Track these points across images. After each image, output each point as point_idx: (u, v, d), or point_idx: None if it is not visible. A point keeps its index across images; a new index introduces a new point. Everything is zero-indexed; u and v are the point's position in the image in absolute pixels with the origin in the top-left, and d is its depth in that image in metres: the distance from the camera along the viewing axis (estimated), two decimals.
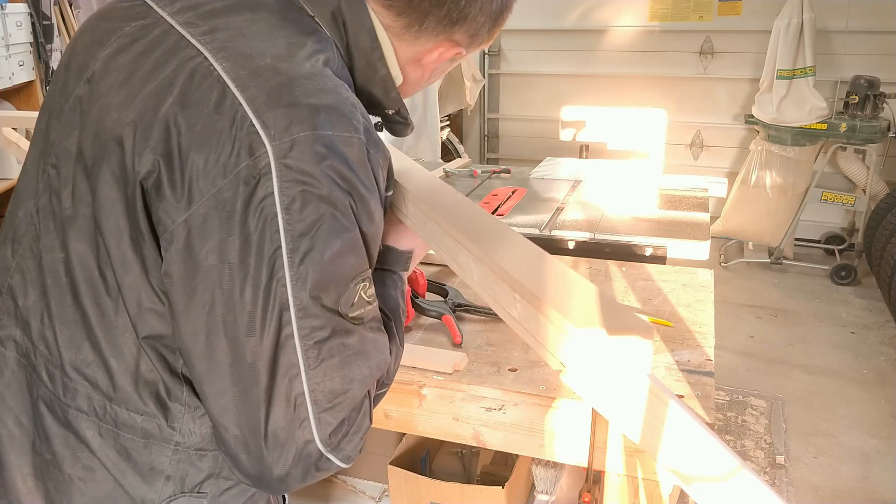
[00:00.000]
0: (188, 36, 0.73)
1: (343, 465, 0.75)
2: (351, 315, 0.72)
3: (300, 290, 0.68)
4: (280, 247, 0.67)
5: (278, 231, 0.67)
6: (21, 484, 0.79)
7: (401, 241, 0.99)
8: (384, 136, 0.93)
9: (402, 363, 1.18)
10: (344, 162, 0.69)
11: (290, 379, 0.69)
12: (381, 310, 0.83)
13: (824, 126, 4.01)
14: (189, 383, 0.76)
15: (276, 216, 0.66)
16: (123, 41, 0.76)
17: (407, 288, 1.31)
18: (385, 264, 0.93)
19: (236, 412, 0.70)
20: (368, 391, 0.77)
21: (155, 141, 0.69)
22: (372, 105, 0.86)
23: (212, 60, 0.70)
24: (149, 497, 0.78)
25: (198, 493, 0.80)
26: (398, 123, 0.93)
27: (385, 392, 0.86)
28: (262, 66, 0.70)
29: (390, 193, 0.85)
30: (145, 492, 0.78)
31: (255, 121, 0.67)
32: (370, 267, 0.76)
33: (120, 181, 0.72)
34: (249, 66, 0.70)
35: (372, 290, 0.75)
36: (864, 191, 4.16)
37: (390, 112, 0.89)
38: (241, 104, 0.67)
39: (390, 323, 0.86)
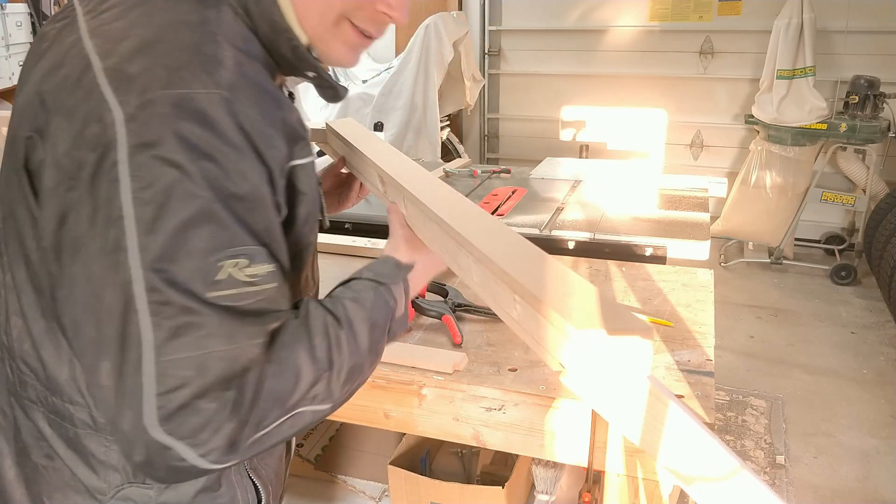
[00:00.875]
0: (80, 22, 0.73)
1: (204, 465, 0.66)
2: (212, 294, 0.65)
3: (145, 261, 0.63)
4: (123, 216, 0.63)
5: (122, 199, 0.63)
6: (7, 471, 0.83)
7: (399, 251, 0.93)
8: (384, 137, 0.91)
9: (402, 363, 1.19)
10: (199, 120, 0.65)
11: (138, 356, 0.64)
12: (334, 316, 0.76)
13: (824, 126, 4.01)
14: None
15: (122, 183, 0.63)
16: (45, 43, 0.77)
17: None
18: (373, 273, 0.86)
19: (101, 391, 0.66)
20: (257, 386, 0.68)
21: (31, 121, 0.71)
22: (290, 68, 0.82)
23: (85, 38, 0.70)
24: (99, 487, 0.79)
25: (143, 484, 0.79)
26: (325, 88, 0.88)
27: (321, 412, 0.75)
28: (131, 35, 0.69)
29: (303, 161, 0.77)
30: (95, 481, 0.79)
31: (106, 87, 0.66)
32: (264, 241, 0.70)
33: (16, 171, 0.74)
34: (118, 37, 0.69)
35: (257, 270, 0.68)
36: (864, 191, 4.16)
37: (310, 75, 0.84)
38: (97, 72, 0.67)
39: (340, 332, 0.76)
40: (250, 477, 0.90)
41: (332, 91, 0.89)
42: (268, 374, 0.69)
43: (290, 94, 0.91)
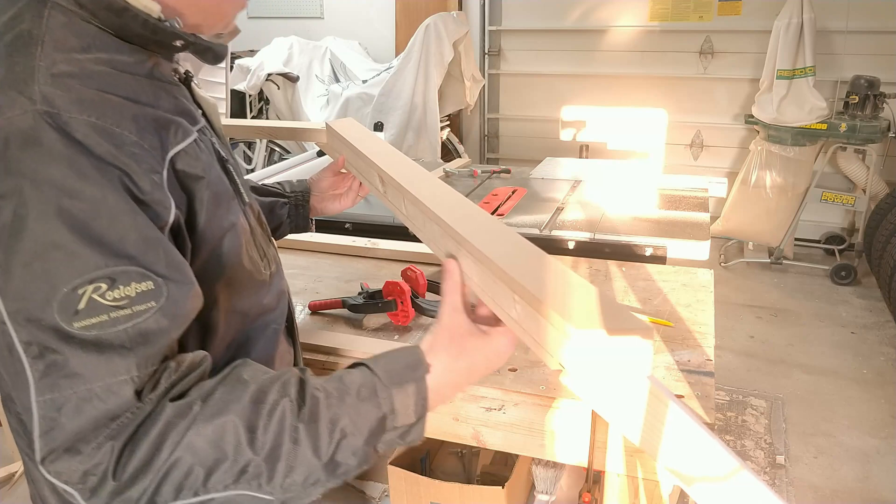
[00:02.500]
0: None
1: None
2: (76, 325, 0.61)
3: (7, 305, 0.61)
4: None
5: None
6: None
7: (436, 348, 0.74)
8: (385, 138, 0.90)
9: None
10: (21, 145, 0.61)
11: (29, 396, 0.62)
12: (300, 403, 0.66)
13: (824, 126, 4.01)
14: None
15: None
16: None
17: (405, 289, 1.31)
18: (382, 367, 0.71)
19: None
20: (156, 442, 0.62)
21: None
22: (155, 44, 0.75)
23: None
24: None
25: None
26: (203, 52, 0.80)
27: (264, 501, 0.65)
28: None
29: (183, 145, 0.73)
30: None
31: None
32: (128, 255, 0.63)
33: None
34: None
35: (123, 293, 0.63)
36: (864, 191, 4.16)
37: (178, 44, 0.76)
38: None
39: (298, 425, 0.65)
40: None
41: (210, 53, 0.81)
42: (184, 430, 0.63)
43: (187, 73, 0.86)
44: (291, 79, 4.86)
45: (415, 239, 1.27)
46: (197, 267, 0.75)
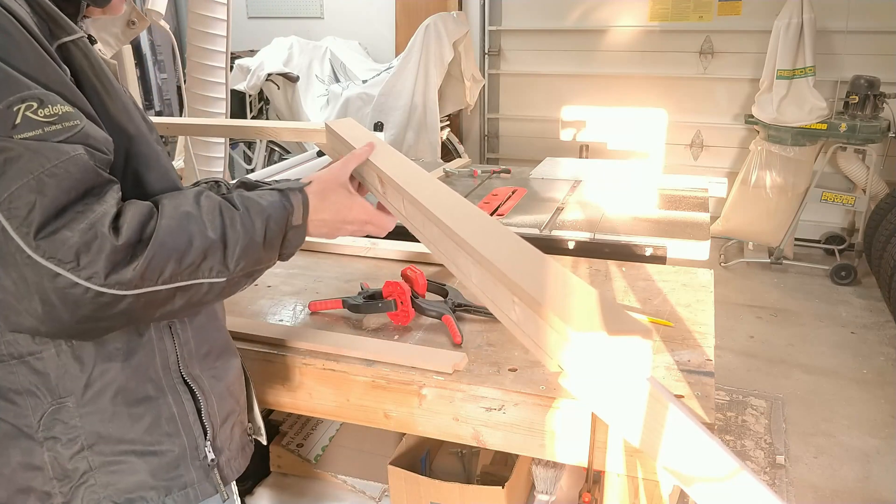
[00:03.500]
0: None
1: (95, 286, 0.72)
2: (17, 137, 0.71)
3: None
4: None
5: None
6: None
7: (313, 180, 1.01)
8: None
9: (402, 363, 1.19)
10: None
11: None
12: (229, 201, 0.85)
13: (824, 126, 4.01)
14: None
15: None
16: None
17: (405, 289, 1.31)
18: (274, 183, 0.97)
19: None
20: (142, 220, 0.75)
21: None
22: None
23: None
24: (25, 422, 0.83)
25: (60, 397, 0.83)
26: None
27: (218, 284, 0.82)
28: None
29: (66, 39, 0.82)
30: (20, 418, 0.83)
31: None
32: (51, 88, 0.74)
33: None
34: None
35: (51, 111, 0.73)
36: (864, 191, 4.16)
37: None
38: None
39: (235, 214, 0.84)
40: (186, 382, 0.91)
41: None
42: (163, 216, 0.77)
43: (90, 37, 0.90)
44: (291, 79, 4.86)
45: (415, 239, 1.28)
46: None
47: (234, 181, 1.16)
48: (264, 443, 1.14)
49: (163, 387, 0.88)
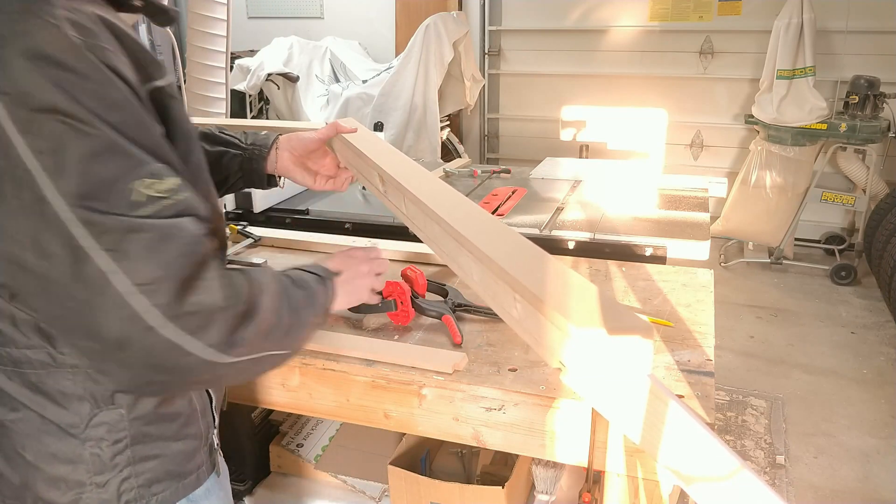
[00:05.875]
0: None
1: (209, 356, 0.74)
2: (137, 214, 0.71)
3: (70, 203, 0.68)
4: (30, 170, 0.67)
5: (22, 156, 0.67)
6: None
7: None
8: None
9: (402, 363, 1.19)
10: (52, 63, 0.68)
11: (103, 286, 0.69)
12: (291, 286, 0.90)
13: (824, 126, 4.01)
14: None
15: (15, 143, 0.67)
16: None
17: (405, 289, 1.31)
18: (319, 270, 1.00)
19: (75, 330, 0.73)
20: (203, 268, 0.76)
21: None
22: (116, 4, 0.83)
23: None
24: (72, 421, 0.84)
25: (112, 405, 0.86)
26: (157, 15, 0.89)
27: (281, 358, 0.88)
28: None
29: (160, 83, 0.82)
30: (67, 417, 0.84)
31: None
32: (161, 158, 0.75)
33: None
34: None
35: (166, 185, 0.74)
36: (864, 191, 4.16)
37: (137, 4, 0.85)
38: None
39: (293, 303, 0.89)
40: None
41: (163, 16, 0.90)
42: (263, 291, 0.82)
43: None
44: (291, 79, 4.86)
45: (415, 239, 1.28)
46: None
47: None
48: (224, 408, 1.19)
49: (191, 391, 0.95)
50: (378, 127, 4.48)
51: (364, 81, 4.90)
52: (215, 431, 1.02)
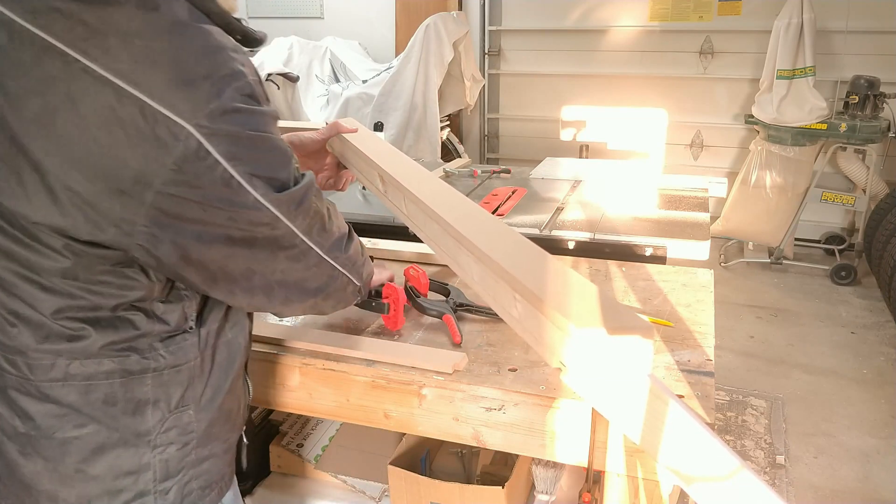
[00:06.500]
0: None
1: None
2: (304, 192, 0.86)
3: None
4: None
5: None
6: (17, 460, 0.85)
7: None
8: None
9: (402, 363, 1.19)
10: (245, 95, 0.75)
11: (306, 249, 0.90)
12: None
13: (824, 126, 4.01)
14: (148, 312, 0.83)
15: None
16: None
17: (400, 296, 1.30)
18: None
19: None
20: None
21: None
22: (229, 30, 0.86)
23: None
24: (143, 429, 0.85)
25: (181, 407, 0.87)
26: (252, 44, 0.93)
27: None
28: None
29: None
30: (139, 425, 0.84)
31: (161, 108, 0.70)
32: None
33: None
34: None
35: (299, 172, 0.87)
36: (864, 191, 4.16)
37: (238, 38, 0.88)
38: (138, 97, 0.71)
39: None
40: (246, 379, 1.03)
41: (257, 43, 0.94)
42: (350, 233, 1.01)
43: None
44: (291, 79, 4.86)
45: (415, 239, 1.28)
46: None
47: None
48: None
49: (239, 385, 0.98)
50: (378, 127, 4.47)
51: (364, 81, 4.90)
52: (244, 429, 1.05)
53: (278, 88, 4.93)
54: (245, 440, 1.08)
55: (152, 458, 0.87)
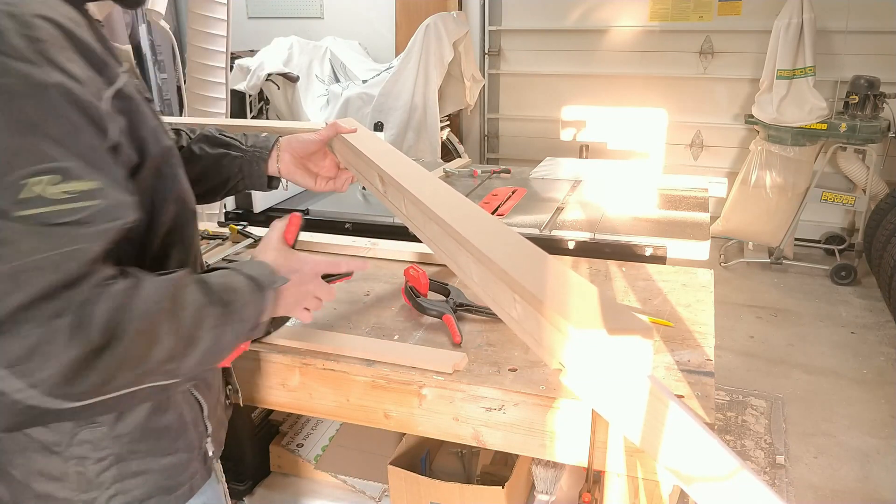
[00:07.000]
0: None
1: (33, 400, 0.64)
2: (20, 213, 0.64)
3: None
4: None
5: None
6: None
7: (266, 254, 0.97)
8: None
9: (402, 363, 1.19)
10: None
11: None
12: (209, 296, 0.79)
13: (824, 126, 4.01)
14: None
15: None
16: None
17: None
18: (255, 273, 0.89)
19: None
20: (107, 324, 0.68)
21: None
22: None
23: None
24: (55, 440, 0.84)
25: (94, 423, 0.84)
26: None
27: (166, 387, 0.80)
28: None
29: (119, 85, 0.78)
30: (50, 435, 0.84)
31: None
32: (83, 156, 0.69)
33: None
34: None
35: (73, 187, 0.66)
36: (864, 191, 4.16)
37: None
38: None
39: (212, 311, 0.78)
40: (191, 391, 0.96)
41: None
42: (133, 317, 0.69)
43: (98, 22, 0.89)
44: (291, 79, 4.86)
45: (415, 239, 1.28)
46: (145, 183, 0.82)
47: (196, 133, 1.19)
48: (241, 404, 1.18)
49: (179, 402, 0.93)
50: (378, 127, 4.48)
51: (364, 81, 4.90)
52: (209, 440, 0.99)
53: (278, 88, 4.93)
54: (210, 450, 1.00)
55: (68, 469, 0.85)
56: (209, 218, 3.03)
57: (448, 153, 4.90)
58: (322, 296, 1.03)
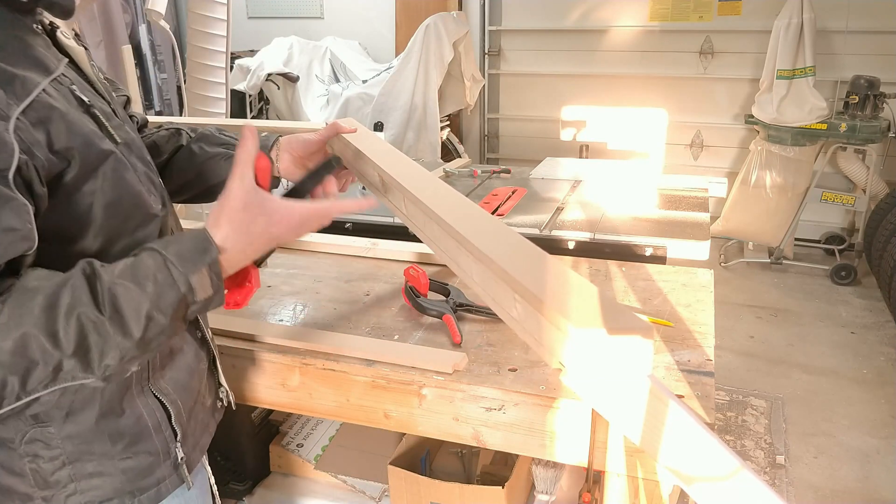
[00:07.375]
0: None
1: None
2: None
3: None
4: None
5: None
6: None
7: (220, 225, 0.82)
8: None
9: (402, 363, 1.19)
10: None
11: None
12: (96, 300, 0.72)
13: (824, 126, 4.01)
14: None
15: None
16: None
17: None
18: (175, 253, 0.77)
19: None
20: None
21: None
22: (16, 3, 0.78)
23: None
24: (9, 436, 0.84)
25: (41, 423, 0.84)
26: (50, 7, 0.83)
27: (87, 384, 0.73)
28: None
29: (32, 97, 0.74)
30: (4, 431, 0.84)
31: None
32: None
33: None
34: None
35: None
36: (864, 191, 4.16)
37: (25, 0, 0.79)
38: None
39: (102, 318, 0.71)
40: (154, 395, 0.93)
41: (59, 7, 0.83)
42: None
43: (51, 24, 0.87)
44: (291, 79, 4.86)
45: (415, 239, 1.28)
46: (76, 186, 0.78)
47: (196, 132, 1.16)
48: (233, 407, 1.15)
49: (137, 405, 0.91)
50: (378, 127, 4.48)
51: (364, 81, 4.90)
52: (178, 445, 0.96)
53: (278, 88, 4.94)
54: (183, 455, 0.96)
55: (24, 466, 0.85)
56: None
57: (448, 153, 4.90)
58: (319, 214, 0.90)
